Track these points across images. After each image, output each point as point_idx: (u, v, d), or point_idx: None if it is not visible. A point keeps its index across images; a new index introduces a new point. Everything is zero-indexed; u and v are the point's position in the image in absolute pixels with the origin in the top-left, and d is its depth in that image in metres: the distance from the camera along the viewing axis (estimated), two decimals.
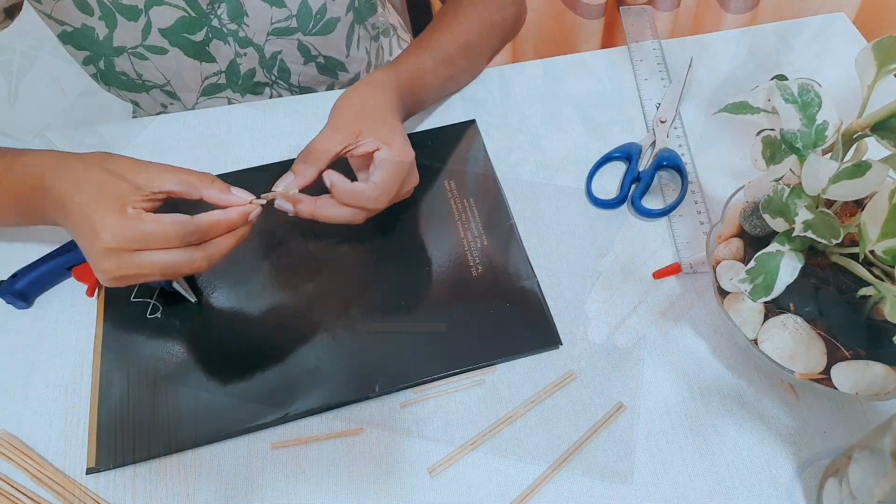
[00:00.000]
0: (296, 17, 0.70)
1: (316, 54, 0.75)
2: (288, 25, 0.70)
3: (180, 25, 0.68)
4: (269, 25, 0.70)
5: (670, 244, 0.59)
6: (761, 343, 0.46)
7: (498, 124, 0.68)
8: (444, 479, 0.48)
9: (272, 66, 0.75)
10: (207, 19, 0.68)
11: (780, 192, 0.43)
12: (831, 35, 0.74)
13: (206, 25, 0.69)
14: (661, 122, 0.66)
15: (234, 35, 0.70)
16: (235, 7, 0.68)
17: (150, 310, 0.56)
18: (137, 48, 0.69)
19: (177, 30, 0.68)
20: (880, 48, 0.43)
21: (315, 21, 0.71)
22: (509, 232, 0.60)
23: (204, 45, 0.70)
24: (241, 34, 0.70)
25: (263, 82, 0.77)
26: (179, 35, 0.69)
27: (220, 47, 0.71)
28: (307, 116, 0.70)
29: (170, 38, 0.68)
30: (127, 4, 0.65)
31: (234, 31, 0.70)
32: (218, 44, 0.71)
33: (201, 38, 0.70)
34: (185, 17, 0.67)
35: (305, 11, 0.70)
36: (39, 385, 0.54)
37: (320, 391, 0.52)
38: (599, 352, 0.53)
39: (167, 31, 0.68)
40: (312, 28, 0.72)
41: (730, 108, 0.46)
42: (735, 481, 0.47)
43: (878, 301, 0.44)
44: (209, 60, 0.72)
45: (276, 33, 0.71)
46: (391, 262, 0.59)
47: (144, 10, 0.65)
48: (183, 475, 0.49)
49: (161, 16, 0.66)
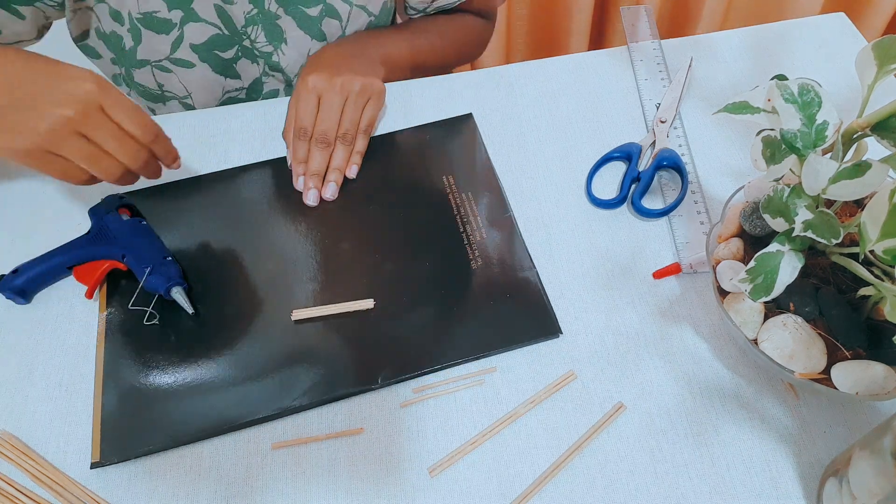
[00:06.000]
0: None
1: None
2: None
3: (213, 42, 0.68)
4: (304, 58, 0.70)
5: (670, 244, 0.59)
6: (761, 343, 0.46)
7: (498, 124, 0.68)
8: (444, 479, 0.48)
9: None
10: (239, 38, 0.68)
11: (780, 192, 0.43)
12: (831, 35, 0.74)
13: (238, 45, 0.69)
14: (661, 122, 0.66)
15: (266, 57, 0.71)
16: (274, 30, 0.68)
17: (148, 317, 0.56)
18: (162, 61, 0.69)
19: (209, 46, 0.68)
20: (880, 48, 0.43)
21: None
22: (508, 224, 0.60)
23: (232, 62, 0.71)
24: (274, 58, 0.71)
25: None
26: (210, 52, 0.69)
27: (246, 66, 0.72)
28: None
29: (200, 53, 0.69)
30: (161, 18, 0.65)
31: (267, 54, 0.70)
32: (245, 62, 0.71)
33: (231, 55, 0.70)
34: (219, 35, 0.67)
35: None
36: (39, 385, 0.54)
37: (323, 384, 0.52)
38: (599, 352, 0.53)
39: (198, 46, 0.68)
40: None
41: (730, 108, 0.46)
42: (735, 481, 0.47)
43: (878, 301, 0.44)
44: (234, 77, 0.73)
45: None
46: (391, 255, 0.59)
47: (179, 25, 0.65)
48: (183, 475, 0.49)
49: (195, 32, 0.67)
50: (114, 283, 0.58)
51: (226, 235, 0.61)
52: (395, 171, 0.65)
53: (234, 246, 0.60)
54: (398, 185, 0.64)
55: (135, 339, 0.55)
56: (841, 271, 0.47)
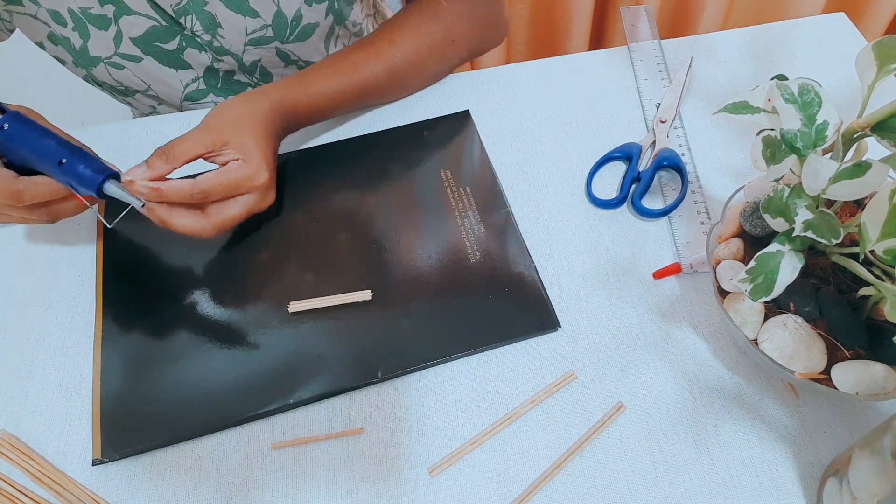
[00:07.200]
0: (271, 27, 0.68)
1: (296, 58, 0.74)
2: (263, 35, 0.69)
3: (151, 35, 0.67)
4: (244, 36, 0.69)
5: (670, 244, 0.59)
6: (761, 343, 0.46)
7: (498, 125, 0.68)
8: (444, 479, 0.48)
9: (253, 71, 0.74)
10: (180, 28, 0.67)
11: (780, 192, 0.43)
12: (831, 35, 0.74)
13: (179, 34, 0.68)
14: (661, 122, 0.66)
15: (208, 45, 0.69)
16: (208, 19, 0.66)
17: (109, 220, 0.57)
18: (112, 57, 0.68)
19: (148, 39, 0.67)
20: (880, 48, 0.43)
21: (291, 29, 0.70)
22: (506, 219, 0.61)
23: (178, 53, 0.69)
24: (216, 44, 0.69)
25: (245, 82, 0.76)
26: (151, 44, 0.68)
27: (195, 55, 0.70)
28: None
29: (141, 46, 0.68)
30: (96, 14, 0.64)
31: (208, 42, 0.69)
32: (193, 52, 0.70)
33: (174, 46, 0.69)
34: (156, 27, 0.66)
35: (280, 21, 0.68)
36: (39, 385, 0.54)
37: (323, 378, 0.52)
38: (599, 351, 0.53)
39: (138, 39, 0.67)
40: (289, 35, 0.70)
41: (730, 108, 0.46)
42: (735, 481, 0.47)
43: (878, 301, 0.44)
44: (185, 68, 0.72)
45: (253, 43, 0.70)
46: (390, 250, 0.59)
47: (114, 19, 0.64)
48: (183, 475, 0.49)
49: (131, 25, 0.65)
50: (113, 285, 0.58)
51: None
52: (393, 164, 0.65)
53: (230, 237, 0.60)
54: (396, 178, 0.64)
55: (135, 330, 0.55)
56: (841, 271, 0.47)
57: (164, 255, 0.60)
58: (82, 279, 0.59)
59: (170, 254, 0.60)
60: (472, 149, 0.66)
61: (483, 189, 0.63)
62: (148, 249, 0.60)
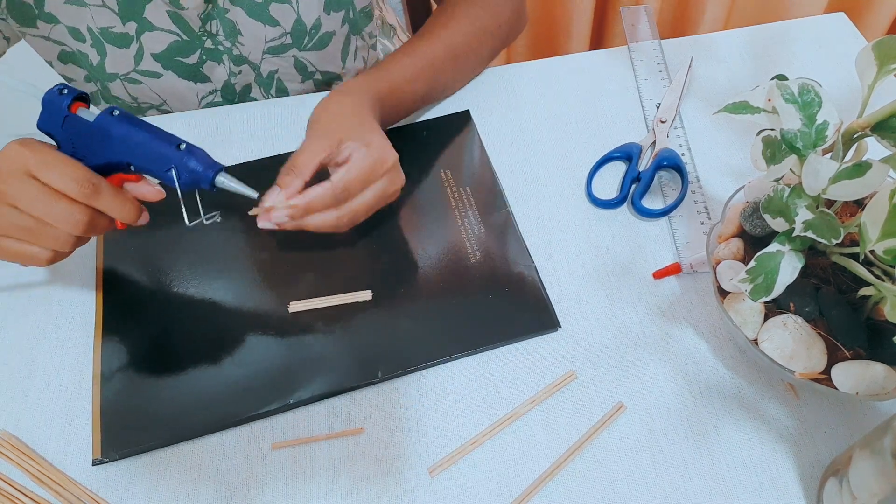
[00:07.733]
0: (290, 35, 0.69)
1: (313, 70, 0.75)
2: (282, 42, 0.70)
3: (173, 50, 0.67)
4: (263, 44, 0.69)
5: (670, 244, 0.59)
6: (761, 343, 0.46)
7: (499, 125, 0.68)
8: (444, 479, 0.48)
9: (269, 84, 0.75)
10: (200, 41, 0.68)
11: (780, 192, 0.43)
12: (831, 35, 0.74)
13: (200, 48, 0.68)
14: (661, 122, 0.66)
15: (228, 53, 0.70)
16: (229, 26, 0.67)
17: (209, 218, 0.50)
18: (130, 74, 0.68)
19: (170, 54, 0.68)
20: (880, 48, 0.43)
21: (310, 37, 0.70)
22: (506, 219, 0.61)
23: (198, 66, 0.70)
24: (235, 52, 0.70)
25: (261, 99, 0.76)
26: (173, 59, 0.68)
27: (213, 68, 0.71)
28: (307, 117, 0.70)
29: (163, 62, 0.68)
30: (117, 32, 0.64)
31: (228, 49, 0.69)
32: (212, 65, 0.71)
33: (195, 60, 0.69)
34: (178, 41, 0.67)
35: (300, 28, 0.69)
36: (39, 384, 0.54)
37: (323, 378, 0.52)
38: (599, 351, 0.53)
39: (160, 55, 0.67)
40: (307, 44, 0.71)
41: (730, 108, 0.46)
42: (735, 481, 0.47)
43: (878, 301, 0.44)
44: (204, 81, 0.72)
45: (272, 52, 0.70)
46: (390, 251, 0.59)
47: (136, 36, 0.65)
48: (183, 475, 0.49)
49: (153, 41, 0.66)
50: (113, 285, 0.58)
51: (221, 227, 0.61)
52: None
53: (230, 237, 0.60)
54: None
55: (135, 330, 0.55)
56: (841, 271, 0.47)
57: (164, 255, 0.60)
58: (82, 279, 0.59)
59: (170, 254, 0.60)
60: (472, 149, 0.66)
61: (483, 189, 0.63)
62: (148, 250, 0.60)
